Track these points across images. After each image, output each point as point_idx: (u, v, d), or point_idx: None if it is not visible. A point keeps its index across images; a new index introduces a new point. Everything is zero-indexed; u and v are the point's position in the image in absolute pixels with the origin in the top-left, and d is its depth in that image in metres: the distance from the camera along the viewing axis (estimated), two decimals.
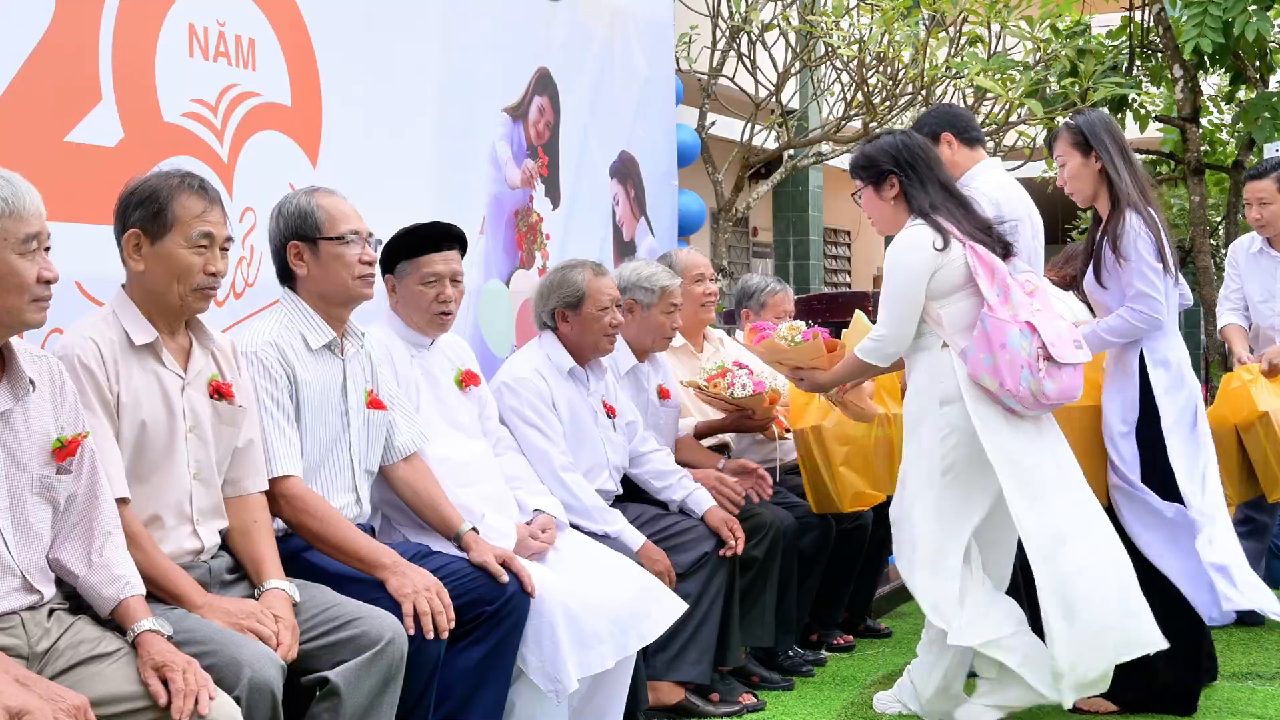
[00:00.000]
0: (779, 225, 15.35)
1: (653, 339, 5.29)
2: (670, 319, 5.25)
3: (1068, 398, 4.28)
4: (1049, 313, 4.32)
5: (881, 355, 4.51)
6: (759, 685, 5.21)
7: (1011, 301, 4.25)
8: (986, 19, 8.37)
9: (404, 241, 4.21)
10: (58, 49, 3.64)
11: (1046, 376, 4.18)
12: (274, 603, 3.25)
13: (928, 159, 4.50)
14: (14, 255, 2.77)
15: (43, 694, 2.52)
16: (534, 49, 5.83)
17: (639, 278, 5.22)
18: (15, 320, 2.81)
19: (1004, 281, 4.28)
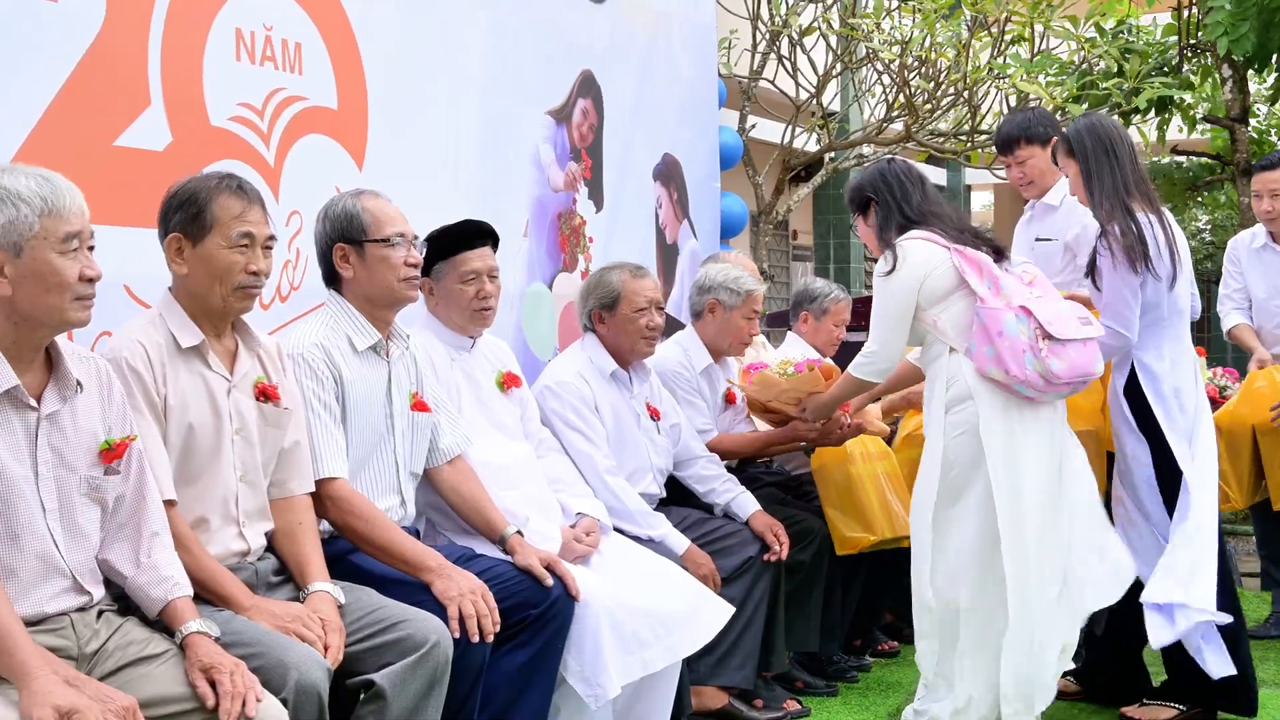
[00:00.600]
0: (819, 228, 15.29)
1: (729, 342, 5.30)
2: (750, 324, 5.27)
3: (1083, 373, 4.22)
4: (1049, 298, 4.31)
5: (874, 371, 4.52)
6: (803, 691, 5.20)
7: (1003, 291, 4.23)
8: (1029, 19, 8.31)
9: (438, 243, 4.21)
10: (108, 55, 3.66)
11: (1051, 355, 4.15)
12: (319, 605, 3.25)
13: (906, 180, 4.51)
14: (54, 254, 2.78)
15: (92, 695, 2.54)
16: (577, 52, 5.83)
17: (725, 278, 5.23)
18: (58, 319, 2.82)
19: (992, 274, 4.26)
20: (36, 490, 2.80)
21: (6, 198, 2.75)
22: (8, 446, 2.76)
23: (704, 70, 6.90)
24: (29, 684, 2.48)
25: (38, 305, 2.78)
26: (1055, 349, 4.16)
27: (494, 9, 5.27)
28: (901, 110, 8.85)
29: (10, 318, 2.78)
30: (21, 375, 2.79)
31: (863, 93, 9.56)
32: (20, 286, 2.76)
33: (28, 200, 2.76)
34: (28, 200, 2.76)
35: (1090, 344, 4.26)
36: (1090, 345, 4.26)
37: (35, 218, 2.76)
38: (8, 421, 2.77)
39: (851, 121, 10.84)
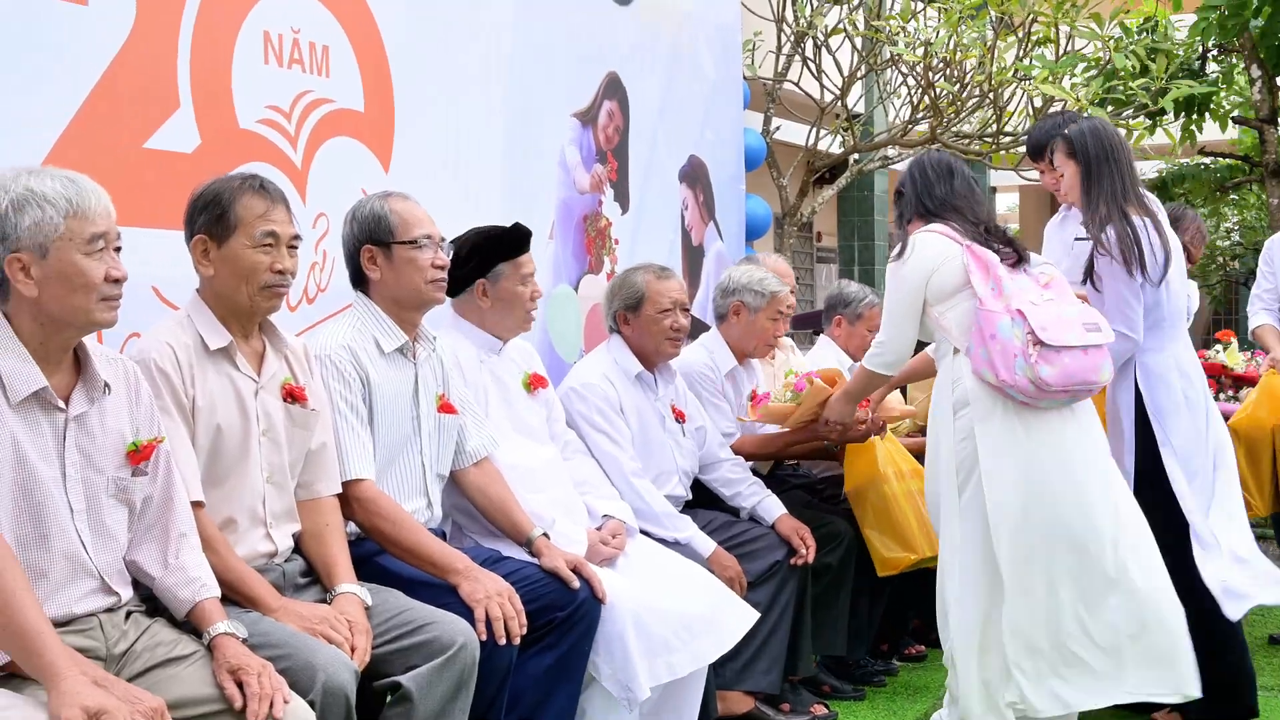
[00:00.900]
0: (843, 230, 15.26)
1: (755, 344, 5.29)
2: (775, 326, 5.25)
3: (1078, 383, 4.11)
4: (1061, 301, 4.21)
5: (883, 363, 4.51)
6: (830, 695, 5.18)
7: (1005, 293, 4.16)
8: (1054, 19, 8.27)
9: (502, 244, 4.23)
10: (137, 57, 3.67)
11: (1041, 361, 4.05)
12: (347, 607, 3.26)
13: (933, 171, 4.47)
14: (80, 255, 2.78)
15: (120, 695, 2.54)
16: (603, 54, 5.83)
17: (749, 280, 5.23)
18: (84, 320, 2.82)
19: (997, 274, 4.19)
20: (64, 491, 2.81)
21: (32, 199, 2.76)
22: (36, 447, 2.77)
23: (729, 72, 6.89)
24: (58, 684, 2.48)
25: (64, 306, 2.78)
26: (1047, 355, 4.06)
27: (520, 12, 5.27)
28: (926, 112, 8.83)
29: (37, 319, 2.79)
30: (50, 376, 2.80)
31: (887, 95, 9.53)
32: (46, 288, 2.77)
33: (53, 202, 2.77)
34: (53, 202, 2.77)
35: (1094, 351, 4.14)
36: (1094, 353, 4.14)
37: (60, 219, 2.77)
38: (36, 423, 2.78)
39: (876, 123, 10.82)
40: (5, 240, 2.76)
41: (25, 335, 2.79)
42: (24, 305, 2.79)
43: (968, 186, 4.44)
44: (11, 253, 2.76)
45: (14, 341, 2.78)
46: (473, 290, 4.22)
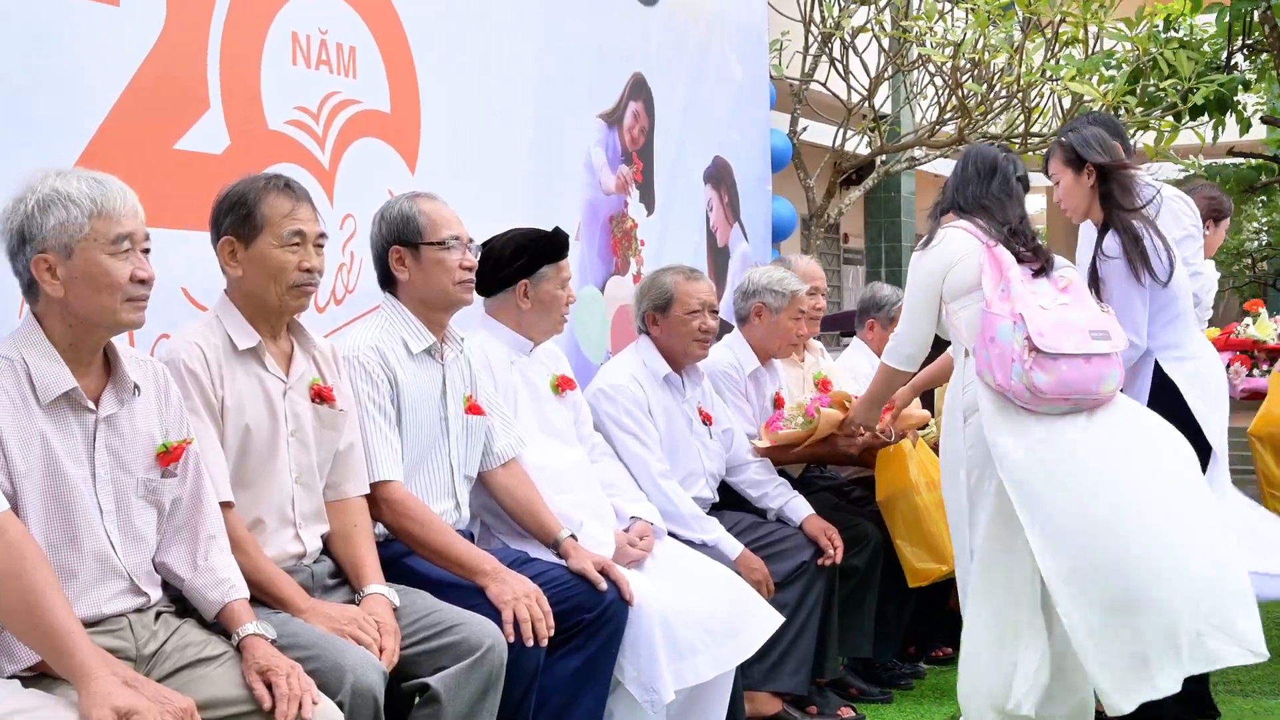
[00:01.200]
0: (870, 231, 15.23)
1: (778, 344, 5.27)
2: (798, 325, 5.24)
3: (1076, 391, 4.02)
4: (1075, 306, 4.11)
5: (901, 356, 4.49)
6: (857, 698, 5.17)
7: (1012, 296, 4.09)
8: (1083, 20, 8.23)
9: (547, 246, 4.24)
10: (167, 59, 3.68)
11: (1036, 368, 3.98)
12: (375, 608, 3.26)
13: (974, 166, 4.41)
14: (104, 255, 2.79)
15: (150, 696, 2.54)
16: (629, 54, 5.83)
17: (769, 281, 5.22)
18: (110, 320, 2.83)
19: (1008, 276, 4.13)
20: (94, 492, 2.82)
21: (57, 200, 2.77)
22: (66, 448, 2.78)
23: (755, 72, 6.88)
24: (88, 685, 2.49)
25: (89, 306, 2.79)
26: (1042, 362, 3.98)
27: (546, 12, 5.27)
28: (954, 113, 8.80)
29: (65, 319, 2.81)
30: (80, 378, 2.81)
31: (914, 95, 9.51)
32: (72, 288, 2.78)
33: (78, 202, 2.78)
34: (78, 202, 2.78)
35: (1098, 360, 4.03)
36: (1096, 362, 4.03)
37: (85, 219, 2.78)
38: (66, 424, 2.79)
39: (903, 124, 10.79)
40: (32, 241, 2.78)
41: (55, 336, 2.80)
42: (52, 306, 2.80)
43: (1005, 188, 4.37)
44: (38, 253, 2.77)
45: (44, 342, 2.79)
46: (513, 290, 4.22)
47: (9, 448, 2.71)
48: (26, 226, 2.78)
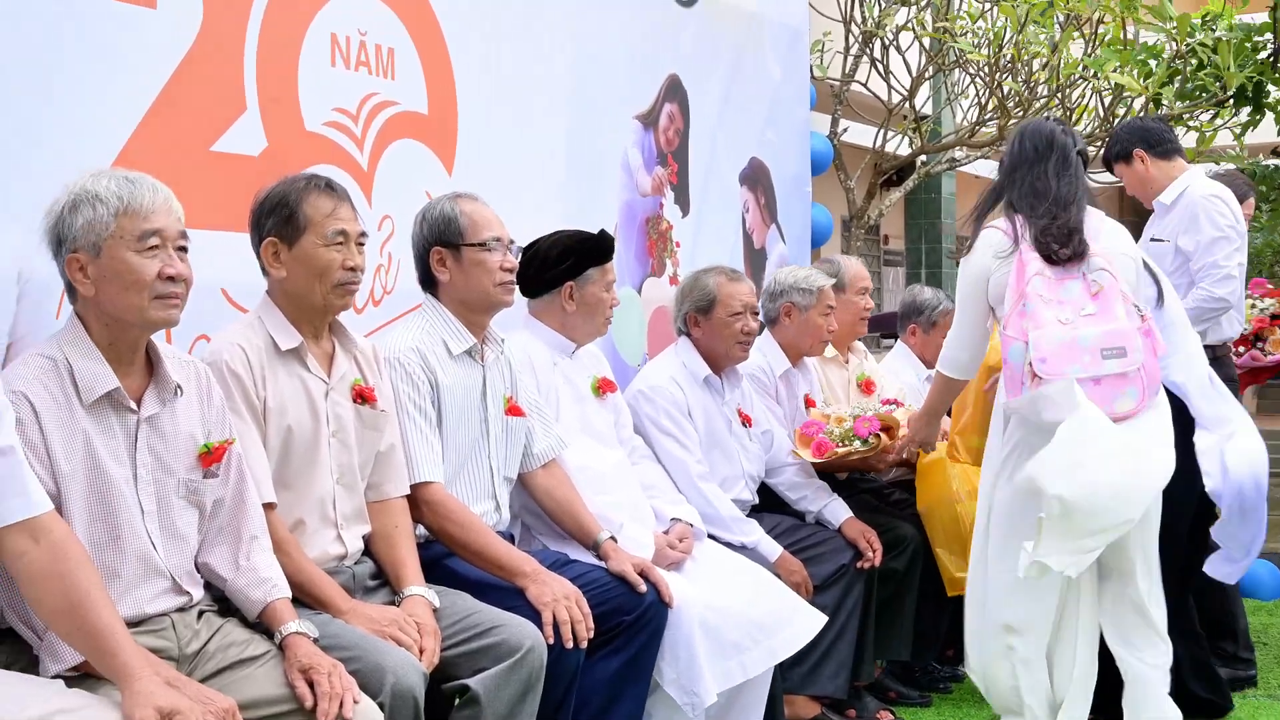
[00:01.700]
0: (911, 233, 15.19)
1: (810, 342, 5.25)
2: (827, 321, 5.21)
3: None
4: (1100, 317, 3.95)
5: (956, 365, 4.44)
6: (896, 701, 5.14)
7: (1028, 313, 3.97)
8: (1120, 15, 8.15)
9: (595, 249, 4.25)
10: (204, 60, 3.68)
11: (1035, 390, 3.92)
12: (415, 609, 3.25)
13: (1030, 144, 4.23)
14: (130, 252, 2.80)
15: (193, 696, 2.54)
16: (665, 56, 5.81)
17: (795, 280, 5.20)
18: (140, 318, 2.83)
19: (1025, 291, 4.00)
20: (135, 492, 2.82)
21: (86, 199, 2.79)
22: (108, 448, 2.79)
23: (795, 73, 6.83)
24: (131, 685, 2.49)
25: (118, 304, 2.80)
26: (1041, 386, 3.90)
27: (582, 13, 5.26)
28: (994, 112, 8.75)
29: (100, 319, 2.82)
30: (121, 377, 2.82)
31: (956, 95, 9.46)
32: (101, 286, 2.80)
33: (105, 200, 2.79)
34: (105, 200, 2.79)
35: (1108, 381, 3.89)
36: (1107, 383, 3.89)
37: (111, 217, 2.79)
38: (108, 424, 2.80)
39: (944, 124, 10.74)
40: (65, 241, 2.80)
41: (96, 336, 2.82)
42: (90, 306, 2.82)
43: (1063, 165, 4.19)
44: (70, 253, 2.79)
45: (86, 342, 2.80)
46: (558, 292, 4.22)
47: (53, 448, 2.72)
48: (59, 227, 2.80)
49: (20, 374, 2.74)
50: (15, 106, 3.23)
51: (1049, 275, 4.03)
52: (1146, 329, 4.00)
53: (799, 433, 5.06)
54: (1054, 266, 4.05)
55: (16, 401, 2.68)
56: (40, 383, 2.74)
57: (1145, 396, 3.95)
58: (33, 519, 2.58)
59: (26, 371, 2.75)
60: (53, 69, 3.31)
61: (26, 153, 3.23)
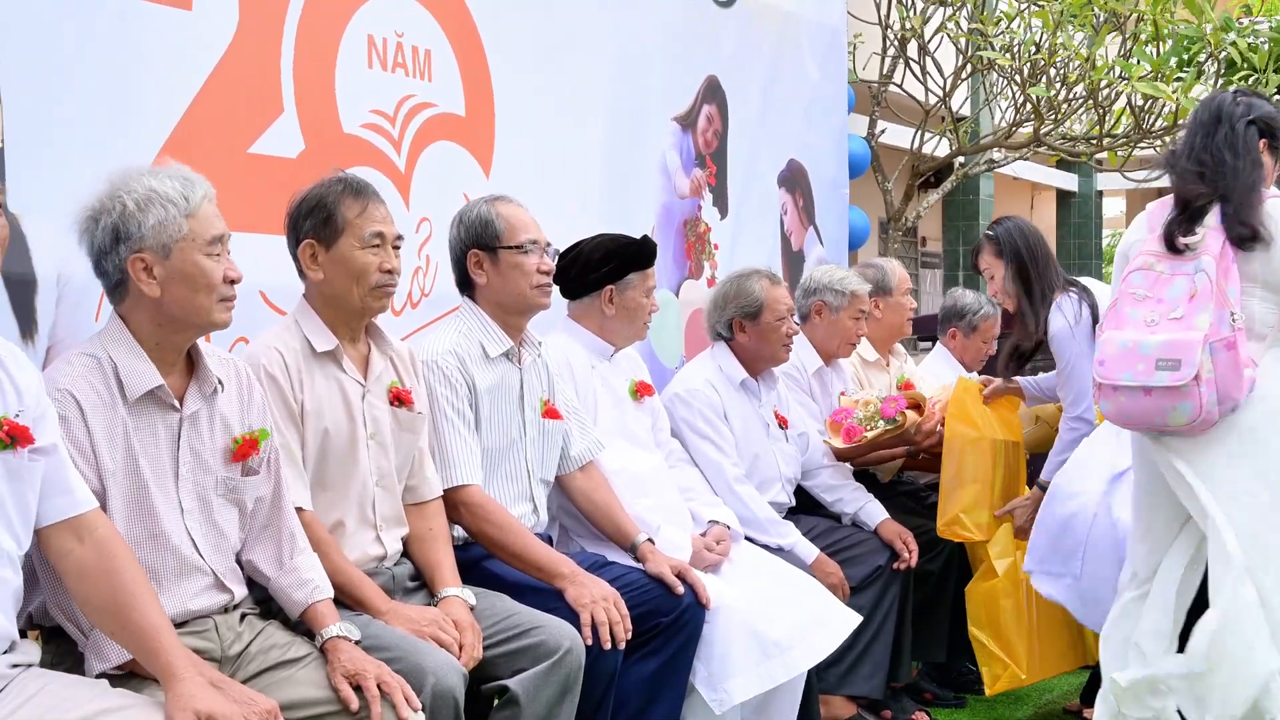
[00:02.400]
0: (948, 235, 15.13)
1: (838, 344, 5.23)
2: (857, 325, 5.19)
3: (1140, 425, 3.78)
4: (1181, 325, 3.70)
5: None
6: (931, 703, 5.11)
7: (1117, 313, 3.83)
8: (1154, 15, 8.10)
9: (637, 254, 4.24)
10: (241, 63, 3.70)
11: (1100, 396, 3.79)
12: (452, 609, 3.25)
13: (1197, 119, 3.94)
14: (201, 255, 2.82)
15: (235, 697, 2.55)
16: (703, 57, 5.80)
17: (830, 280, 5.18)
18: (205, 320, 2.85)
19: (1120, 289, 3.85)
20: (176, 490, 2.84)
21: (155, 199, 2.79)
22: (150, 446, 2.80)
23: (833, 75, 6.82)
24: (174, 686, 2.50)
25: (185, 306, 2.81)
26: (1104, 390, 3.77)
27: (620, 15, 5.26)
28: (1031, 113, 8.71)
29: (155, 319, 2.83)
30: (164, 375, 2.83)
31: (992, 97, 9.41)
32: (168, 288, 2.80)
33: (175, 202, 2.80)
34: (175, 202, 2.80)
35: (1159, 393, 3.67)
36: (1158, 395, 3.67)
37: (182, 219, 2.80)
38: (151, 422, 2.81)
39: (982, 126, 10.69)
40: (129, 240, 2.79)
41: (142, 335, 2.82)
42: (143, 305, 2.82)
43: (1230, 139, 3.83)
44: (134, 253, 2.79)
45: (130, 341, 2.81)
46: (599, 295, 4.21)
47: (98, 445, 2.74)
48: (123, 225, 2.79)
49: (65, 372, 2.76)
50: (53, 110, 3.26)
51: (1158, 270, 3.81)
52: (1230, 340, 3.68)
53: (829, 421, 5.06)
54: (1170, 259, 3.80)
55: (62, 399, 2.70)
56: (86, 380, 2.75)
57: (1201, 413, 3.65)
58: (78, 517, 2.60)
59: (72, 370, 2.76)
60: (89, 72, 3.34)
61: (64, 156, 3.25)
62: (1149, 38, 8.31)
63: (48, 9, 3.25)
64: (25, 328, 3.16)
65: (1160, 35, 8.22)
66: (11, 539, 2.50)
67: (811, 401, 5.19)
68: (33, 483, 2.53)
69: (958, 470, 4.87)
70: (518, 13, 4.72)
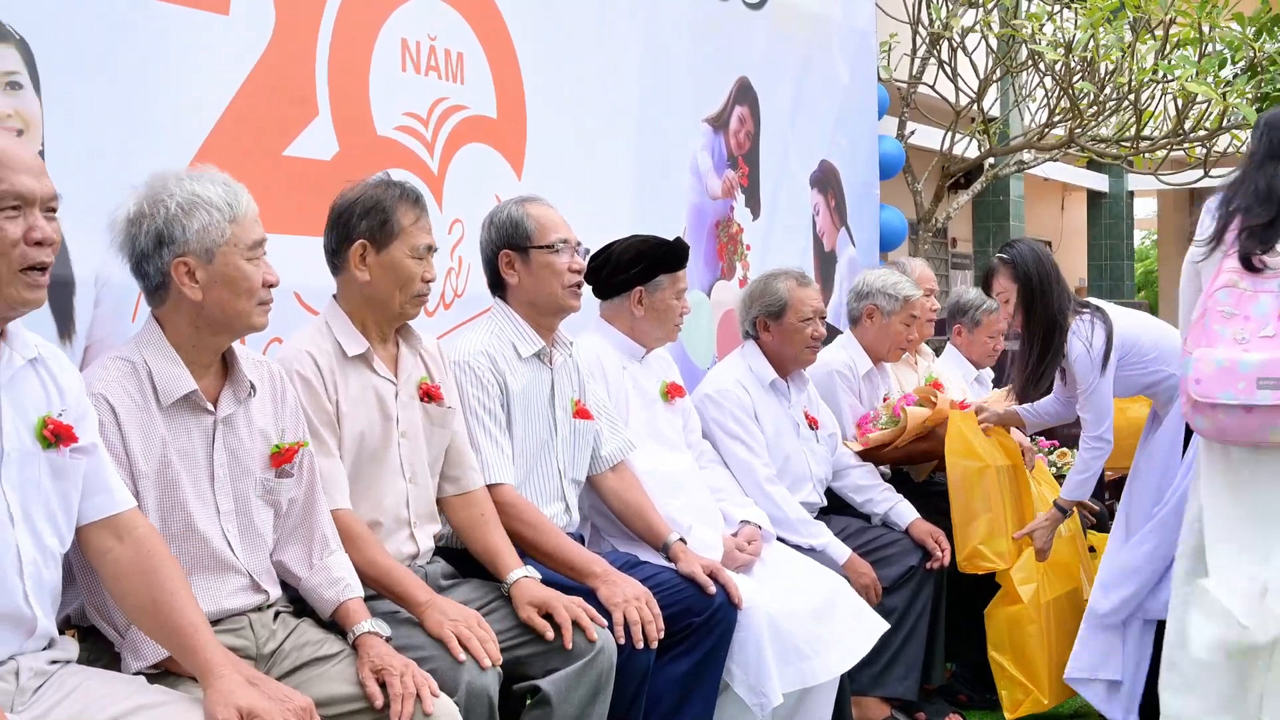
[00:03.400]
0: (979, 236, 15.09)
1: (888, 348, 5.24)
2: (908, 330, 5.21)
3: (1235, 439, 3.72)
4: (1273, 343, 3.65)
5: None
6: (966, 705, 5.10)
7: (1203, 328, 3.76)
8: (1196, 20, 8.07)
9: (667, 256, 4.25)
10: (277, 67, 3.73)
11: (1194, 412, 3.74)
12: (527, 591, 3.27)
13: (1259, 154, 3.89)
14: (243, 260, 2.84)
15: (271, 694, 2.56)
16: (734, 59, 5.81)
17: (884, 284, 5.19)
18: (244, 323, 2.88)
19: (1206, 306, 3.78)
20: (212, 492, 2.86)
21: (200, 204, 2.82)
22: (185, 449, 2.83)
23: (863, 76, 6.82)
24: (213, 683, 2.52)
25: (227, 310, 2.84)
26: (1199, 407, 3.71)
27: (651, 17, 5.27)
28: (1064, 114, 8.68)
29: (194, 323, 2.85)
30: (198, 379, 2.85)
31: (1024, 97, 9.39)
32: (210, 292, 2.83)
33: (219, 207, 2.82)
34: (219, 207, 2.82)
35: (1260, 411, 3.61)
36: (1260, 413, 3.62)
37: (226, 224, 2.83)
38: (185, 425, 2.84)
39: (1012, 127, 10.66)
40: (172, 244, 2.81)
41: (178, 338, 2.85)
42: (182, 309, 2.84)
43: None
44: (178, 256, 2.81)
45: (165, 344, 2.84)
46: (629, 296, 4.23)
47: (132, 449, 2.76)
48: (168, 229, 2.81)
49: (101, 376, 2.78)
50: (90, 113, 3.29)
51: (1242, 288, 3.75)
52: None
53: (857, 423, 5.06)
54: (1251, 276, 3.75)
55: (97, 404, 2.72)
56: (120, 385, 2.78)
57: None
58: (116, 515, 2.62)
59: (107, 374, 2.79)
60: (126, 76, 3.37)
61: (102, 159, 3.28)
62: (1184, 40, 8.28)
63: (87, 16, 3.28)
64: (64, 329, 3.20)
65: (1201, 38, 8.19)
66: (55, 536, 2.54)
67: (859, 405, 5.19)
68: (75, 481, 2.56)
69: (967, 503, 4.85)
70: (549, 15, 4.74)
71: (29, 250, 2.42)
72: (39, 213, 2.45)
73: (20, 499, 2.46)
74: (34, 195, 2.44)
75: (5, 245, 2.40)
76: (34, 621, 2.49)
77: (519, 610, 3.22)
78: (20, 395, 2.50)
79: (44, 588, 2.52)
